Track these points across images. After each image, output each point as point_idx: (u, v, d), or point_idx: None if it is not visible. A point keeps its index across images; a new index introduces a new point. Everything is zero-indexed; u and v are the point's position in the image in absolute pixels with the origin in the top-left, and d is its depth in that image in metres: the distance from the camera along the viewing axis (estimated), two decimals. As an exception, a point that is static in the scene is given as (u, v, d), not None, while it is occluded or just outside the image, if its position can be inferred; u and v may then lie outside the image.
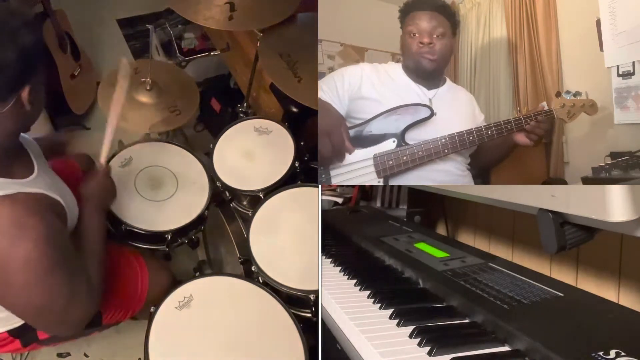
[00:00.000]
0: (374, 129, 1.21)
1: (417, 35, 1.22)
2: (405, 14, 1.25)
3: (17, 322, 1.19)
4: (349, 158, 1.20)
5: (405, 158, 1.17)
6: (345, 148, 1.19)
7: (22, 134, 1.11)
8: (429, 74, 1.25)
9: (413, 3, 1.24)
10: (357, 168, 1.19)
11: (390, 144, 1.18)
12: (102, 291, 1.17)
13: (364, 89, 1.23)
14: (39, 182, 1.06)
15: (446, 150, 1.17)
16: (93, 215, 1.24)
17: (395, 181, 1.19)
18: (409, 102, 1.22)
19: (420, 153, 1.17)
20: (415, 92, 1.25)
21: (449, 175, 1.20)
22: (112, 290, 1.29)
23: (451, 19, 1.24)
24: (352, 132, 1.21)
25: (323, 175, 1.20)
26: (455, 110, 1.25)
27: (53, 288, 1.01)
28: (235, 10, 1.59)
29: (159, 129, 1.71)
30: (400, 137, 1.19)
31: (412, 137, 1.19)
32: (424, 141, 1.17)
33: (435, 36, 1.21)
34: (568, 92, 1.18)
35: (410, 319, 0.85)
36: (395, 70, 1.28)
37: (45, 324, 1.12)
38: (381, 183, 1.20)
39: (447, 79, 1.30)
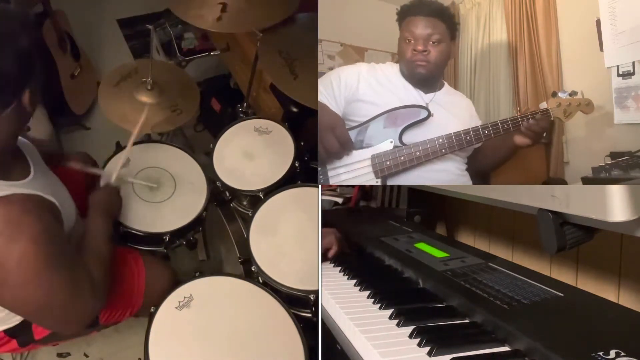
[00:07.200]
0: (372, 130, 1.20)
1: (412, 41, 1.20)
2: (401, 18, 1.23)
3: (13, 321, 1.19)
4: (346, 159, 1.19)
5: (402, 158, 1.17)
6: (349, 144, 1.19)
7: (19, 137, 1.11)
8: (423, 81, 1.24)
9: (409, 8, 1.22)
10: (355, 169, 1.19)
11: (387, 145, 1.18)
12: (107, 292, 1.17)
13: (361, 90, 1.23)
14: (35, 184, 1.07)
15: (443, 150, 1.17)
16: (99, 219, 1.26)
17: (394, 181, 1.19)
18: (407, 103, 1.22)
19: (418, 153, 1.17)
20: (412, 94, 1.25)
21: (448, 175, 1.19)
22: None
23: (449, 23, 1.22)
24: (350, 133, 1.21)
25: (322, 176, 1.20)
26: (453, 114, 1.25)
27: (51, 284, 1.01)
28: (226, 13, 1.60)
29: (160, 129, 1.71)
30: (398, 138, 1.19)
31: (410, 139, 1.19)
32: (421, 141, 1.17)
33: (431, 43, 1.19)
34: (564, 91, 1.18)
35: (410, 319, 0.85)
36: (392, 72, 1.28)
37: (48, 321, 1.12)
38: (379, 183, 1.20)
39: (446, 84, 1.30)
